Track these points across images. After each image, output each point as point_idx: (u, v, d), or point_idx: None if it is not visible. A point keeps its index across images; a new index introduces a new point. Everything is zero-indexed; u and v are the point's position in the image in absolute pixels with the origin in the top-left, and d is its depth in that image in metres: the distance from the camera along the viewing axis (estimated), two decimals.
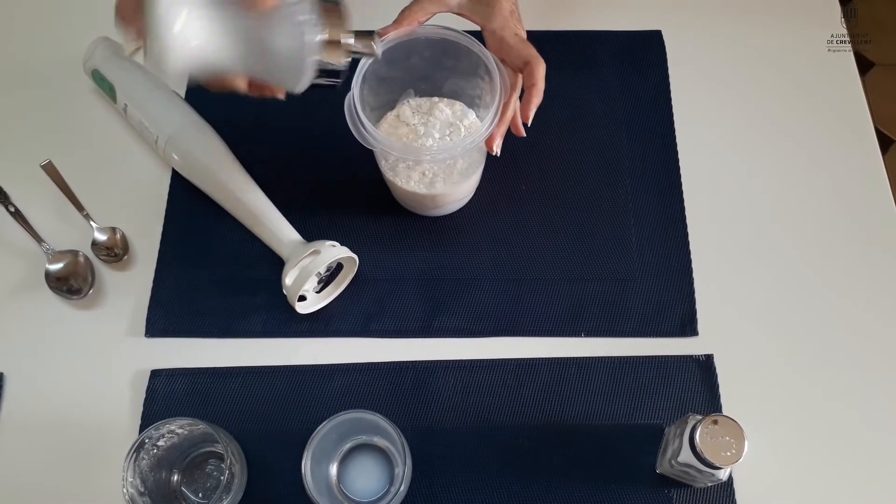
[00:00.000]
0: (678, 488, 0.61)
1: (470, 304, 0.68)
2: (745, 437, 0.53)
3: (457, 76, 0.67)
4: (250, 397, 0.65)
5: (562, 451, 0.63)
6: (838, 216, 0.72)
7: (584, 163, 0.74)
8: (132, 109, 0.72)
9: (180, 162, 0.71)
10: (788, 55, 0.80)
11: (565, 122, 0.76)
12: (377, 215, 0.72)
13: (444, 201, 0.69)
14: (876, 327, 0.67)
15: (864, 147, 0.75)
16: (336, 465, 0.61)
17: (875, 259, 0.70)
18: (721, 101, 0.78)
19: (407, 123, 0.68)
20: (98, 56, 0.75)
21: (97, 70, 0.74)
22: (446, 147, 0.63)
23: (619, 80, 0.78)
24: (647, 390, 0.65)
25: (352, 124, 0.60)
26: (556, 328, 0.67)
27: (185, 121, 0.71)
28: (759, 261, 0.70)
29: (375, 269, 0.69)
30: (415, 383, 0.65)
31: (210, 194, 0.70)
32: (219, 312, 0.68)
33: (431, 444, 0.63)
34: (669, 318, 0.67)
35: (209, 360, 0.66)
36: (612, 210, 0.72)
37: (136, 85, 0.73)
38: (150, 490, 0.57)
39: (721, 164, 0.75)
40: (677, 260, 0.70)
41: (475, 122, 0.69)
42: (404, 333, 0.67)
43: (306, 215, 0.70)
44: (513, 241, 0.71)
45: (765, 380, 0.65)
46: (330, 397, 0.64)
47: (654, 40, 0.80)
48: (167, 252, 0.70)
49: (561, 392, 0.65)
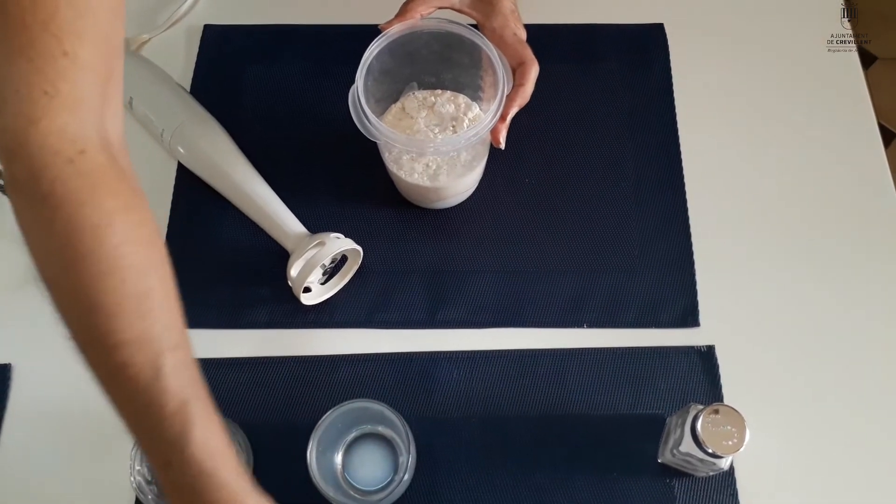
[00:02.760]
0: (680, 478, 0.61)
1: (473, 295, 0.69)
2: (746, 426, 0.53)
3: (461, 69, 0.67)
4: (256, 388, 0.65)
5: (564, 441, 0.63)
6: (840, 208, 0.72)
7: (586, 155, 0.75)
8: (137, 103, 0.73)
9: (185, 155, 0.71)
10: (791, 48, 0.80)
11: (568, 116, 0.76)
12: (381, 208, 0.72)
13: (447, 194, 0.69)
14: (877, 318, 0.67)
15: (867, 140, 0.75)
16: (341, 454, 0.62)
17: (877, 252, 0.70)
18: (724, 94, 0.78)
19: (411, 116, 0.68)
20: None
21: None
22: (450, 140, 0.63)
23: (621, 73, 0.78)
24: (649, 381, 0.65)
25: (355, 116, 0.61)
26: (558, 319, 0.68)
27: (190, 114, 0.72)
28: (761, 252, 0.70)
29: (379, 261, 0.70)
30: (419, 374, 0.66)
31: (215, 187, 0.71)
32: (224, 304, 0.68)
33: (435, 434, 0.63)
34: (671, 310, 0.68)
35: (215, 352, 0.67)
36: (614, 202, 0.72)
37: (141, 78, 0.74)
38: (157, 479, 0.57)
39: (723, 157, 0.75)
40: (679, 251, 0.70)
41: (479, 115, 0.69)
42: (408, 325, 0.68)
43: (310, 208, 0.70)
44: (516, 234, 0.71)
45: (766, 370, 0.66)
46: (335, 388, 0.65)
47: (657, 33, 0.81)
48: (173, 245, 0.70)
49: (563, 382, 0.65)
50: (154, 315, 0.42)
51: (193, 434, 0.42)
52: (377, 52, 0.63)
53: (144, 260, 0.43)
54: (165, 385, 0.41)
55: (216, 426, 0.43)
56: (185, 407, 0.42)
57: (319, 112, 0.77)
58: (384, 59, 0.64)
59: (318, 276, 0.67)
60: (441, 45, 0.65)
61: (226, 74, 0.79)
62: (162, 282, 0.43)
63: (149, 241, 0.44)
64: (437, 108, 0.68)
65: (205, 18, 0.83)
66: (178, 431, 0.42)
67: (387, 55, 0.64)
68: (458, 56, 0.66)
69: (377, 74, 0.65)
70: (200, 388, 0.44)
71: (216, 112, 0.73)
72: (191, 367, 0.44)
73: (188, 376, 0.43)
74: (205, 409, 0.43)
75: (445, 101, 0.69)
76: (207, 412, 0.43)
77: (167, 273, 0.44)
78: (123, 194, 0.43)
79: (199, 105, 0.73)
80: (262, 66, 0.80)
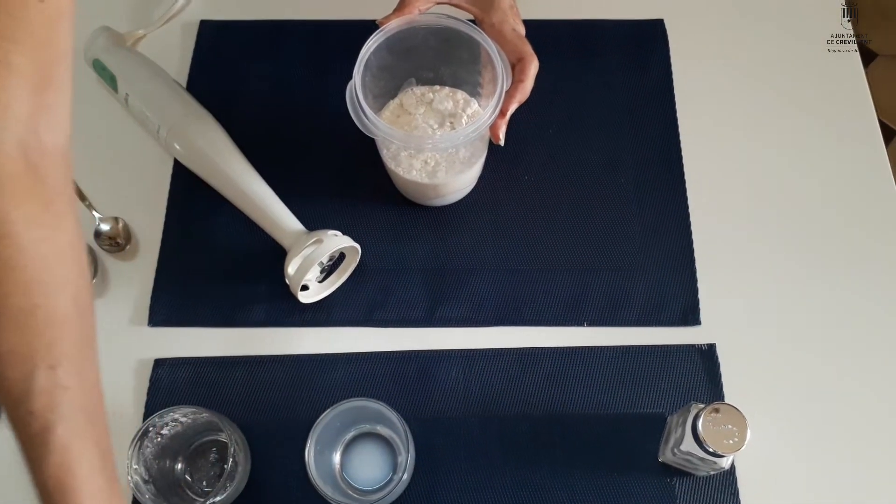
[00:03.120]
0: (680, 477, 0.61)
1: (472, 293, 0.68)
2: (747, 425, 0.53)
3: (459, 65, 0.67)
4: (254, 386, 0.65)
5: (564, 440, 0.63)
6: (841, 206, 0.72)
7: (586, 153, 0.74)
8: (133, 100, 0.72)
9: (182, 152, 0.71)
10: (792, 45, 0.80)
11: (568, 112, 0.76)
12: (379, 206, 0.72)
13: (446, 191, 0.69)
14: (877, 317, 0.67)
15: (868, 137, 0.75)
16: (339, 454, 0.62)
17: (878, 250, 0.70)
18: (724, 92, 0.78)
19: (409, 112, 0.68)
20: (99, 46, 0.75)
21: (98, 60, 0.74)
22: (448, 136, 0.63)
23: (621, 69, 0.78)
24: (650, 380, 0.65)
25: (353, 112, 0.60)
26: (558, 318, 0.67)
27: (187, 111, 0.71)
28: (762, 251, 0.70)
29: (378, 260, 0.69)
30: (418, 373, 0.65)
31: (212, 184, 0.70)
32: (221, 302, 0.68)
33: (434, 433, 0.63)
34: (672, 308, 0.67)
35: (212, 350, 0.66)
36: (614, 200, 0.72)
37: (138, 75, 0.73)
38: (154, 478, 0.57)
39: (724, 154, 0.74)
40: (680, 249, 0.70)
41: (477, 111, 0.68)
42: (407, 323, 0.67)
43: (308, 205, 0.70)
44: (515, 231, 0.71)
45: (767, 368, 0.65)
46: (333, 386, 0.65)
47: (657, 29, 0.80)
48: (170, 242, 0.70)
49: (563, 381, 0.65)
50: (35, 331, 0.41)
51: (46, 464, 0.40)
52: (375, 47, 0.62)
53: (37, 276, 0.41)
54: (30, 406, 0.40)
55: (82, 455, 0.41)
56: (45, 433, 0.40)
57: (317, 108, 0.76)
58: (382, 55, 0.64)
59: (316, 273, 0.67)
60: (439, 40, 0.65)
61: (222, 70, 0.79)
62: (58, 300, 0.42)
63: (54, 258, 0.42)
64: (435, 104, 0.68)
65: (201, 14, 0.82)
66: (35, 457, 0.41)
67: (385, 51, 0.64)
68: (456, 52, 0.65)
69: (375, 70, 0.64)
70: (76, 412, 0.41)
71: (213, 108, 0.72)
72: (73, 388, 0.42)
73: (63, 399, 0.41)
74: (71, 435, 0.41)
75: (444, 98, 0.68)
76: (73, 438, 0.41)
77: (71, 293, 0.42)
78: (31, 206, 0.41)
79: (195, 101, 0.72)
80: (259, 61, 0.79)
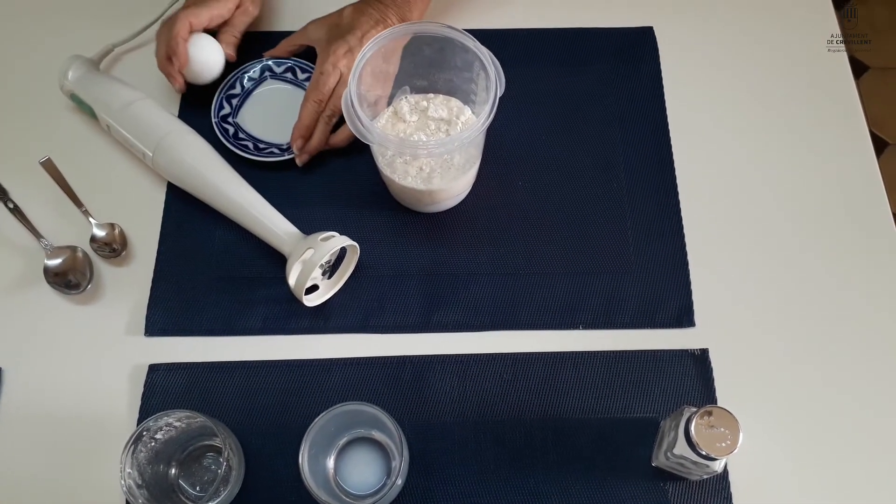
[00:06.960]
0: (674, 481, 0.61)
1: (468, 298, 0.68)
2: (739, 428, 0.53)
3: (452, 73, 0.68)
4: (248, 392, 0.65)
5: (558, 444, 0.63)
6: (833, 214, 0.72)
7: (579, 158, 0.75)
8: (115, 129, 0.72)
9: (170, 172, 0.70)
10: (782, 56, 0.81)
11: (559, 119, 0.77)
12: (374, 212, 0.72)
13: (441, 197, 0.69)
14: (868, 322, 0.67)
15: (859, 149, 0.75)
16: (333, 459, 0.62)
17: (870, 257, 0.70)
18: (714, 99, 0.78)
19: (403, 119, 0.68)
20: (73, 78, 0.74)
21: (75, 94, 0.74)
22: (442, 142, 0.63)
23: (612, 76, 0.79)
24: (643, 384, 0.65)
25: (349, 119, 0.61)
26: (552, 322, 0.68)
27: (168, 130, 0.70)
28: (754, 255, 0.71)
29: (374, 266, 0.70)
30: (413, 378, 0.65)
31: (205, 200, 0.70)
32: (218, 310, 0.68)
33: (428, 438, 0.63)
34: (666, 310, 0.68)
35: (208, 357, 0.66)
36: (607, 204, 0.73)
37: (114, 103, 0.72)
38: (147, 483, 0.57)
39: (715, 162, 0.75)
40: (673, 253, 0.70)
41: (471, 118, 0.69)
42: (403, 329, 0.68)
43: (304, 213, 0.70)
44: (509, 237, 0.71)
45: (760, 371, 0.66)
46: (328, 391, 0.65)
47: (646, 37, 0.81)
48: (165, 250, 0.71)
49: (557, 386, 0.65)
50: None
51: None
52: (370, 55, 0.63)
53: None
54: None
55: None
56: None
57: None
58: (377, 63, 0.64)
59: (319, 276, 0.67)
60: (433, 49, 0.66)
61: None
62: None
63: None
64: (429, 111, 0.69)
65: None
66: None
67: (380, 59, 0.64)
68: (450, 60, 0.66)
69: (370, 78, 0.65)
70: None
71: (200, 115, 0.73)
72: None
73: None
74: None
75: (438, 105, 0.69)
76: None
77: None
78: None
79: (176, 119, 0.72)
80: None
